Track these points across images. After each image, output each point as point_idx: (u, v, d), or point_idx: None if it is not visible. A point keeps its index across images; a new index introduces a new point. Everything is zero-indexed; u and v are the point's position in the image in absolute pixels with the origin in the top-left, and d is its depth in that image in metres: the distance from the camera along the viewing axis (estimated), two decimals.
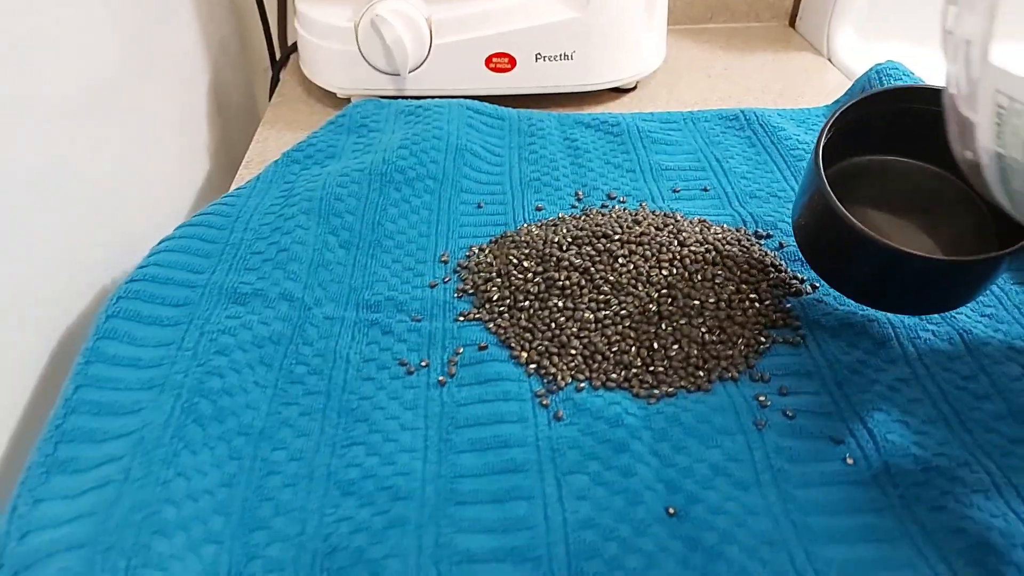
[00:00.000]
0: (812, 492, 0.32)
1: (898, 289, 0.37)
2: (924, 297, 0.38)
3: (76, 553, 0.27)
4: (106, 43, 0.47)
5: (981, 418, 0.36)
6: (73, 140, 0.41)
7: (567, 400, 0.37)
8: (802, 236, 0.40)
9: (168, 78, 0.57)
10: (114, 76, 0.47)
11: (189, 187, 0.59)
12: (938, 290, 0.37)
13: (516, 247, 0.45)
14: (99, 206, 0.44)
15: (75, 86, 0.42)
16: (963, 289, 0.37)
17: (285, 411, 0.36)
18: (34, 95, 0.38)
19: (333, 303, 0.42)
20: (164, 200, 0.55)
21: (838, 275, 0.39)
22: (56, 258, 0.39)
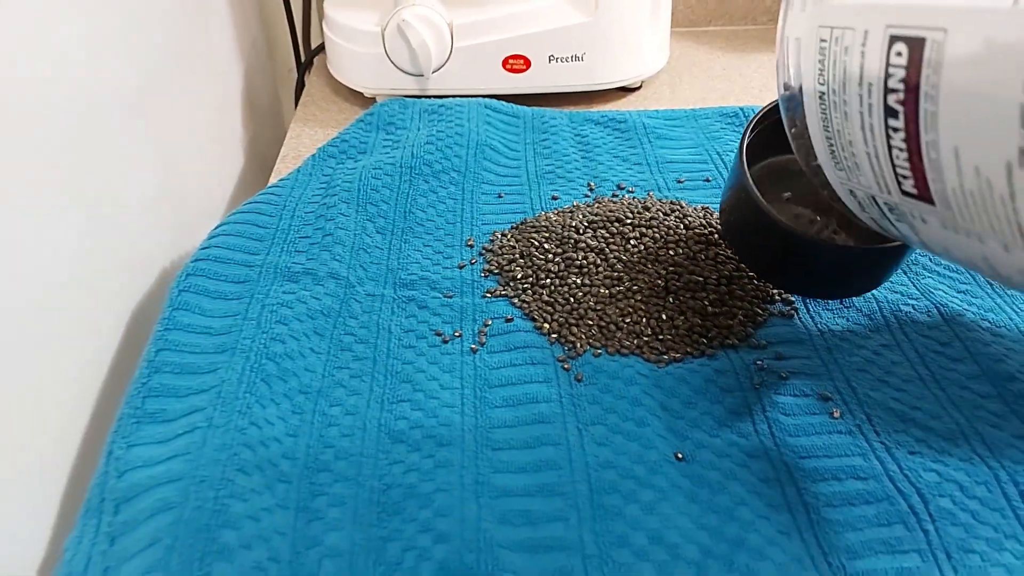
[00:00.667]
0: (803, 440, 0.37)
1: (801, 272, 0.41)
2: (825, 280, 0.41)
3: (173, 485, 0.32)
4: (151, 45, 0.51)
5: (955, 378, 0.40)
6: (129, 137, 0.46)
7: (586, 364, 0.41)
8: (724, 223, 0.44)
9: (205, 79, 0.62)
10: (158, 77, 0.52)
11: (228, 181, 0.64)
12: (837, 274, 0.40)
13: (536, 231, 0.49)
14: (156, 197, 0.49)
15: (126, 86, 0.47)
16: (861, 276, 0.40)
17: (338, 374, 0.40)
18: (93, 98, 0.43)
19: (373, 282, 0.47)
20: (207, 192, 0.59)
21: (752, 257, 0.42)
22: (122, 243, 0.44)
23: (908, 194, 0.27)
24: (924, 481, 0.35)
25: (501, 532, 0.32)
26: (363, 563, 0.31)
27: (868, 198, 0.31)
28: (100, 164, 0.42)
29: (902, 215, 0.29)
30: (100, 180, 0.42)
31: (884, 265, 0.40)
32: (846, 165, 0.30)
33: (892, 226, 0.31)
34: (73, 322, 0.38)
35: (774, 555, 0.32)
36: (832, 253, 0.40)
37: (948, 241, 0.28)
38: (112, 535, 0.31)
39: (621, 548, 0.32)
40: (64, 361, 0.37)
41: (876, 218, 0.32)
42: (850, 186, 0.31)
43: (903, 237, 0.32)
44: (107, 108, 0.43)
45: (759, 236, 0.41)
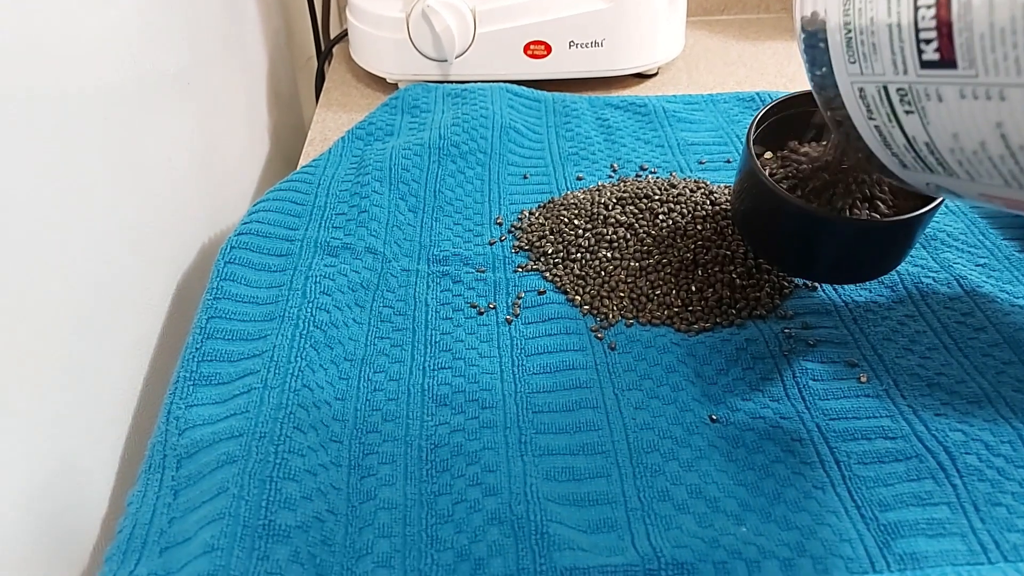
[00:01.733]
0: (832, 403, 0.38)
1: (824, 254, 0.41)
2: (839, 259, 0.41)
3: (235, 441, 0.33)
4: (197, 27, 0.53)
5: (978, 346, 0.42)
6: (175, 115, 0.47)
7: (620, 334, 0.43)
8: (739, 218, 0.44)
9: (239, 65, 0.63)
10: (201, 59, 0.53)
11: (256, 164, 0.65)
12: (857, 253, 0.40)
13: (566, 208, 0.51)
14: (196, 175, 0.50)
15: (175, 64, 0.48)
16: (875, 253, 0.40)
17: (379, 343, 0.42)
18: (147, 71, 0.44)
19: (408, 257, 0.48)
20: (239, 174, 0.61)
21: (766, 245, 0.42)
22: (167, 218, 0.45)
23: (928, 64, 0.28)
24: (951, 440, 0.36)
25: (547, 487, 0.34)
26: (416, 514, 0.33)
27: (879, 94, 0.31)
28: (150, 140, 0.43)
29: (914, 101, 0.29)
30: (150, 156, 0.43)
31: (897, 241, 0.40)
32: (861, 53, 0.30)
33: (899, 130, 0.31)
34: (124, 295, 0.39)
35: (810, 507, 0.33)
36: (845, 227, 0.39)
37: (961, 121, 0.28)
38: (176, 488, 0.32)
39: (663, 502, 0.33)
40: (118, 331, 0.38)
41: (882, 126, 0.32)
42: (862, 82, 0.31)
43: (908, 145, 0.31)
44: (157, 85, 0.45)
45: (771, 220, 0.41)
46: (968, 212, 0.53)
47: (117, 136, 0.39)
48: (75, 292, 0.34)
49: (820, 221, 0.39)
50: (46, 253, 0.32)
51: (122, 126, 0.40)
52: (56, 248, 0.33)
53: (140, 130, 0.42)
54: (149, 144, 0.43)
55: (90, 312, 0.36)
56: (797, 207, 0.39)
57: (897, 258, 0.42)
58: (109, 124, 0.38)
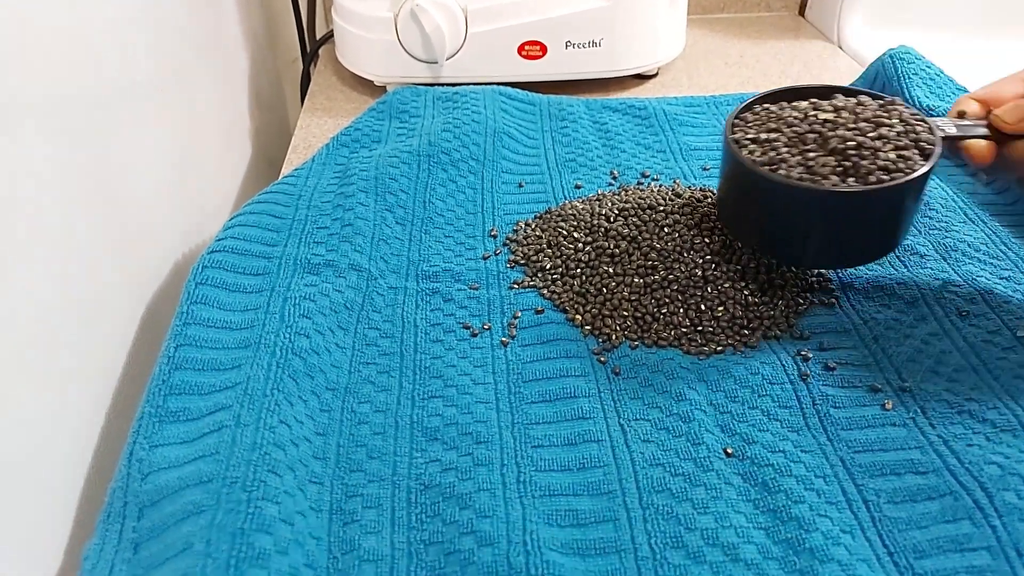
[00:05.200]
0: (856, 433, 0.35)
1: (808, 231, 0.39)
2: (841, 238, 0.40)
3: (203, 488, 0.30)
4: (165, 35, 0.49)
5: (1008, 366, 0.39)
6: (144, 127, 0.44)
7: (623, 357, 0.40)
8: (723, 210, 0.43)
9: (214, 71, 0.60)
10: (171, 67, 0.50)
11: (236, 173, 0.62)
12: (844, 226, 0.39)
13: (564, 220, 0.48)
14: (170, 189, 0.47)
15: (142, 74, 0.45)
16: (869, 227, 0.39)
17: (365, 370, 0.38)
18: (99, 89, 0.41)
19: (395, 274, 0.45)
20: (217, 185, 0.57)
21: (759, 234, 0.41)
22: (137, 235, 0.42)
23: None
24: (986, 475, 0.33)
25: (548, 533, 0.31)
26: (403, 567, 0.29)
27: None
28: (117, 154, 0.40)
29: None
30: (116, 170, 0.40)
31: (887, 210, 0.38)
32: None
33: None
34: (87, 317, 0.36)
35: (838, 555, 0.30)
36: (833, 199, 0.37)
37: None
38: (137, 541, 0.29)
39: (676, 549, 0.30)
40: (78, 358, 0.35)
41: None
42: None
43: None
44: (124, 92, 0.41)
45: (754, 202, 0.41)
46: (988, 220, 0.50)
47: (78, 145, 0.36)
48: (30, 315, 0.31)
49: (799, 192, 0.37)
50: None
51: (83, 135, 0.37)
52: (7, 268, 0.30)
53: (104, 139, 0.39)
54: (114, 154, 0.40)
55: (47, 338, 0.32)
56: (777, 182, 0.38)
57: (891, 234, 0.40)
58: (68, 134, 0.35)
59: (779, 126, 0.40)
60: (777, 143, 0.39)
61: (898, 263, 0.46)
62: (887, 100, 0.41)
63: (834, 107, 0.41)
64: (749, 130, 0.41)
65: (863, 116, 0.40)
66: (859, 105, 0.41)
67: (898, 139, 0.39)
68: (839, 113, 0.40)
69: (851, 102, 0.41)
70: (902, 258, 0.47)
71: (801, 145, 0.39)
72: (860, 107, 0.41)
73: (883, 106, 0.41)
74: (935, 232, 0.49)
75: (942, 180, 0.55)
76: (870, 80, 0.67)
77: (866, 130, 0.39)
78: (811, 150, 0.38)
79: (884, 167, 0.37)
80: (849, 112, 0.40)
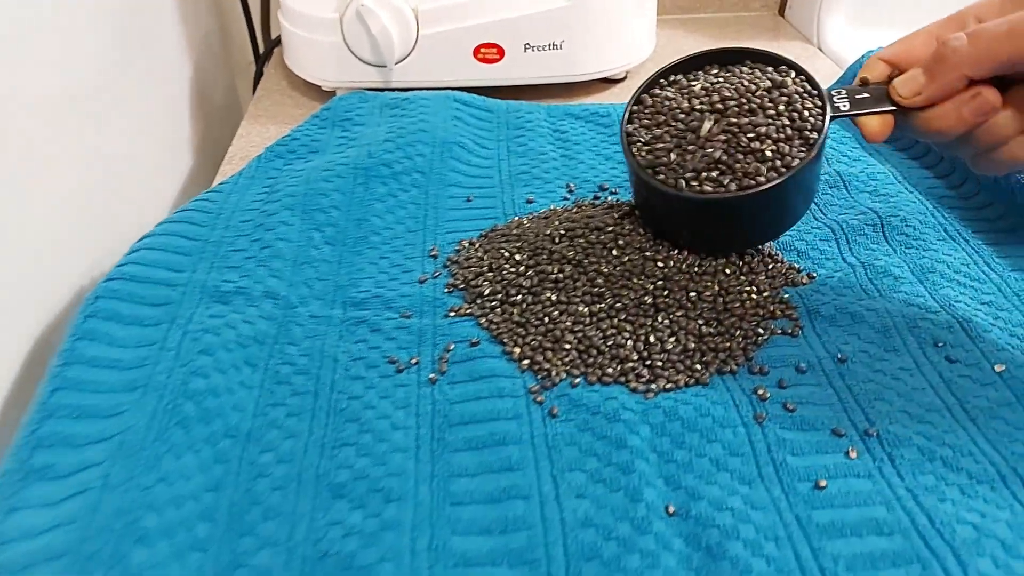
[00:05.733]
0: (815, 489, 0.32)
1: (697, 228, 0.41)
2: (727, 233, 0.41)
3: (55, 564, 0.26)
4: (84, 40, 0.45)
5: (986, 406, 0.35)
6: (53, 139, 0.40)
7: (562, 396, 0.36)
8: (639, 207, 0.43)
9: (150, 74, 0.56)
10: (94, 74, 0.46)
11: (172, 184, 0.58)
12: (731, 225, 0.40)
13: (507, 240, 0.44)
14: (81, 205, 0.43)
15: (55, 85, 0.41)
16: (755, 222, 0.40)
17: (272, 412, 0.35)
18: (11, 95, 0.37)
19: (319, 301, 0.41)
20: (147, 198, 0.53)
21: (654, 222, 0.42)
22: (35, 259, 0.38)
23: None
24: (960, 538, 0.29)
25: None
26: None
27: None
28: (18, 164, 0.36)
29: None
30: (17, 184, 0.36)
31: (762, 210, 0.39)
32: None
33: None
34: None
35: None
36: (696, 205, 0.38)
37: None
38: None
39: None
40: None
41: None
42: None
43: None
44: (28, 102, 0.37)
45: (643, 199, 0.42)
46: (971, 238, 0.46)
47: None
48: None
49: (670, 197, 0.38)
50: None
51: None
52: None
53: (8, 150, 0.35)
54: (16, 168, 0.36)
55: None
56: (652, 186, 0.38)
57: (780, 221, 0.41)
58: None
59: (667, 119, 0.39)
60: (660, 142, 0.39)
61: (870, 286, 0.42)
62: (780, 75, 0.39)
63: (722, 98, 0.39)
64: (645, 118, 0.41)
65: (751, 104, 0.38)
66: (752, 84, 0.39)
67: (779, 132, 0.37)
68: (726, 103, 0.38)
69: (744, 80, 0.39)
70: (874, 280, 0.43)
71: (683, 144, 0.38)
72: (753, 86, 0.39)
73: (774, 85, 0.39)
74: (911, 251, 0.45)
75: (920, 192, 0.51)
76: (848, 83, 0.63)
77: (745, 127, 0.37)
78: (690, 151, 0.38)
79: (755, 170, 0.37)
80: (738, 98, 0.38)
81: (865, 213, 0.48)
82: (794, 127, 0.38)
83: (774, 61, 0.40)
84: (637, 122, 0.41)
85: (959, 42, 0.33)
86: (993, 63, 0.32)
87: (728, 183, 0.37)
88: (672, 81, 0.42)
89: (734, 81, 0.39)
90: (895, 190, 0.51)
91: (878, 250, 0.45)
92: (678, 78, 0.42)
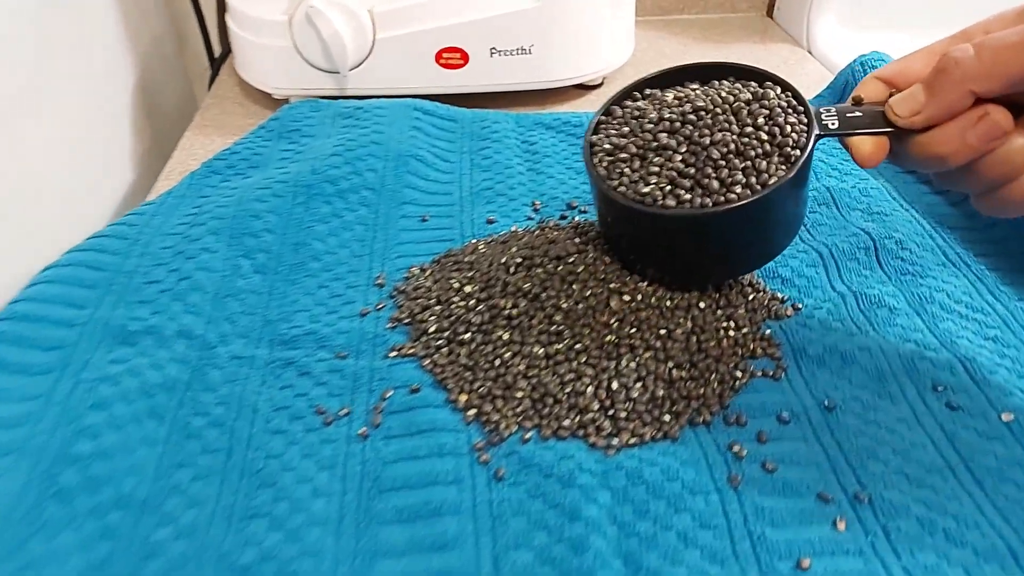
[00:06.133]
0: (797, 569, 0.27)
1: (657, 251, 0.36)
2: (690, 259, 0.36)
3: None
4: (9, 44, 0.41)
5: (993, 465, 0.31)
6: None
7: (511, 454, 0.31)
8: (603, 229, 0.38)
9: (85, 79, 0.51)
10: (23, 81, 0.41)
11: (107, 203, 0.53)
12: (696, 249, 0.36)
13: (459, 269, 0.39)
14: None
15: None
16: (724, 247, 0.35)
17: (177, 475, 0.30)
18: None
19: (243, 339, 0.36)
20: (74, 218, 0.49)
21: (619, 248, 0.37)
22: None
23: None
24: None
25: None
26: None
27: None
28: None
29: None
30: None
31: (735, 232, 0.34)
32: None
33: None
34: None
35: None
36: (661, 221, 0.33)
37: None
38: None
39: None
40: None
41: None
42: None
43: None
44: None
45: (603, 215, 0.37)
46: (973, 263, 0.42)
47: None
48: None
49: (632, 212, 0.34)
50: None
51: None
52: None
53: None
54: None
55: None
56: (612, 199, 0.34)
57: (752, 251, 0.36)
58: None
59: (633, 129, 0.35)
60: (623, 152, 0.35)
61: (862, 319, 0.38)
62: (762, 88, 0.35)
63: (695, 108, 0.34)
64: (612, 128, 0.36)
65: (726, 115, 0.34)
66: (730, 95, 0.34)
67: (757, 147, 0.33)
68: (699, 114, 0.34)
69: (722, 91, 0.35)
70: (867, 312, 0.38)
71: (647, 155, 0.34)
72: (731, 97, 0.34)
73: (755, 98, 0.34)
74: (907, 278, 0.41)
75: (917, 211, 0.47)
76: (839, 89, 0.59)
77: (717, 140, 0.33)
78: (654, 163, 0.34)
79: (719, 189, 0.33)
80: (713, 108, 0.34)
81: (857, 235, 0.44)
82: (774, 143, 0.33)
83: (760, 77, 0.36)
84: (603, 133, 0.36)
85: (964, 53, 0.28)
86: (1004, 78, 0.28)
87: (694, 199, 0.33)
88: (647, 94, 0.38)
89: (711, 93, 0.35)
90: (890, 208, 0.47)
91: (871, 277, 0.41)
92: (654, 91, 0.38)
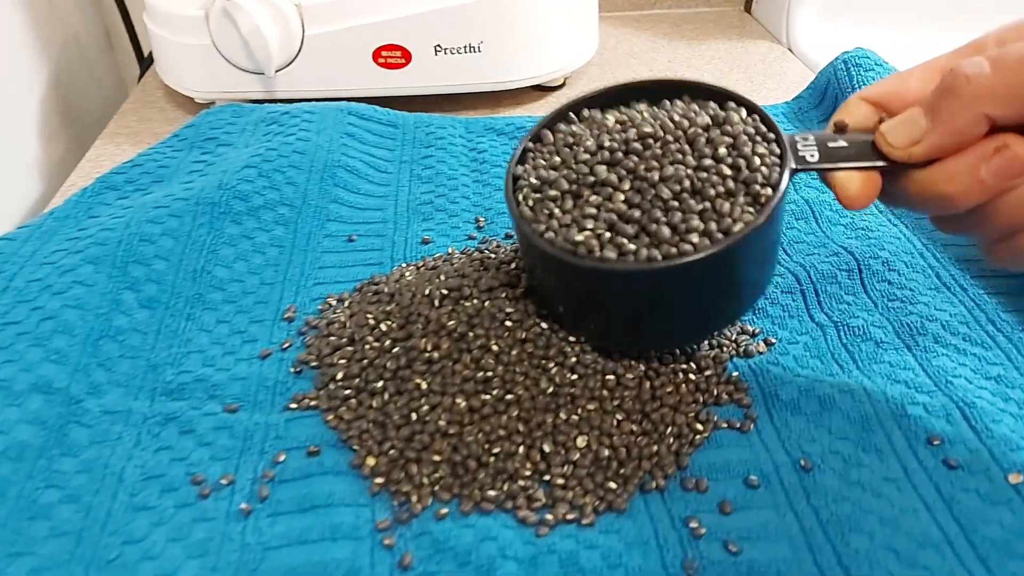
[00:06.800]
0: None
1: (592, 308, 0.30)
2: (632, 317, 0.30)
3: None
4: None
5: (998, 538, 0.26)
6: None
7: (422, 535, 0.26)
8: (535, 288, 0.32)
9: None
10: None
11: (2, 218, 0.48)
12: (636, 308, 0.29)
13: (377, 301, 0.34)
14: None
15: None
16: (675, 306, 0.29)
17: (14, 566, 0.24)
18: None
19: (120, 389, 0.31)
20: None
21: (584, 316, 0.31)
22: None
23: None
24: None
25: None
26: None
27: None
28: None
29: None
30: None
31: (688, 289, 0.28)
32: None
33: None
34: None
35: None
36: (594, 275, 0.28)
37: None
38: None
39: None
40: None
41: None
42: None
43: None
44: None
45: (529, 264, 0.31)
46: (969, 286, 0.37)
47: None
48: None
49: (559, 263, 0.28)
50: None
51: None
52: None
53: None
54: None
55: None
56: (535, 245, 0.28)
57: (713, 310, 0.30)
58: None
59: (566, 159, 0.29)
60: (552, 188, 0.29)
61: (844, 354, 0.33)
62: (724, 110, 0.29)
63: (641, 135, 0.28)
64: (540, 158, 0.30)
65: (679, 144, 0.28)
66: (685, 119, 0.29)
67: (717, 184, 0.27)
68: (645, 142, 0.28)
69: (675, 114, 0.29)
70: (850, 346, 0.33)
71: (581, 193, 0.28)
72: (686, 121, 0.29)
73: (715, 123, 0.29)
74: (895, 305, 0.36)
75: (906, 225, 0.42)
76: (820, 90, 0.54)
77: (668, 176, 0.27)
78: (590, 203, 0.28)
79: (671, 237, 0.27)
80: (663, 136, 0.28)
81: (839, 254, 0.39)
82: (739, 179, 0.27)
83: (720, 96, 0.30)
84: (530, 163, 0.31)
85: (977, 68, 0.23)
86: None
87: (639, 249, 0.27)
88: (584, 117, 0.32)
89: (661, 116, 0.29)
90: (876, 222, 0.42)
91: (855, 304, 0.36)
92: (593, 113, 0.32)
